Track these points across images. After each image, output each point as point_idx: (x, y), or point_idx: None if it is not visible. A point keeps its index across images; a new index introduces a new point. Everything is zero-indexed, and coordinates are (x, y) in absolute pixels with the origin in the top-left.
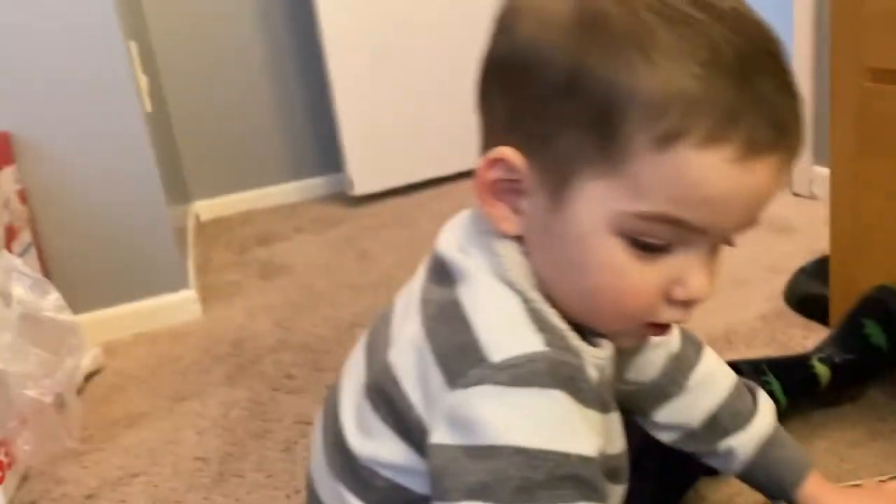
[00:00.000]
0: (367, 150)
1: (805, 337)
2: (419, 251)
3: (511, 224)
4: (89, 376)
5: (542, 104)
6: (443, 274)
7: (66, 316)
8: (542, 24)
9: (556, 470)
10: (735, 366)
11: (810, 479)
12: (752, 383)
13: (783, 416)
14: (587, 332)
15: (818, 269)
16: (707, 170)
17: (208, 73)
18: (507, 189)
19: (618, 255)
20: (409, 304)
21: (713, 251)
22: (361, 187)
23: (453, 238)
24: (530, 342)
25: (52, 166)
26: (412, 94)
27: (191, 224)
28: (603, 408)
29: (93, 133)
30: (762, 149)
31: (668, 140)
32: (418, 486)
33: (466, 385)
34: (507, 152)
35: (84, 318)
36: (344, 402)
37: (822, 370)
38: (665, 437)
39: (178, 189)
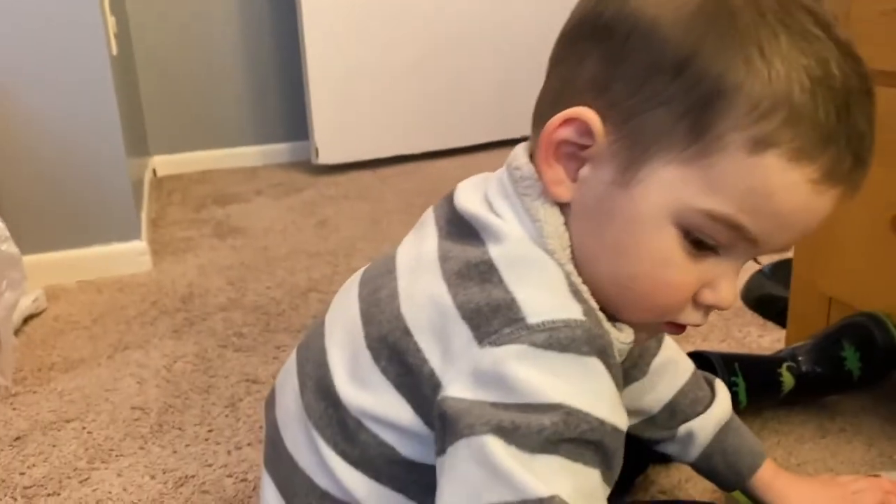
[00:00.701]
0: (335, 121)
1: (760, 336)
2: (383, 224)
3: (564, 190)
4: (28, 319)
5: (643, 76)
6: (466, 232)
7: (9, 247)
8: None
9: (588, 433)
10: (706, 357)
11: (766, 466)
12: (709, 374)
13: (739, 414)
14: (609, 318)
15: (776, 272)
16: (787, 184)
17: (180, 24)
18: (570, 153)
19: (670, 246)
20: (420, 260)
21: (743, 263)
22: (326, 157)
23: (477, 197)
24: (570, 309)
25: (10, 102)
26: (387, 68)
27: (147, 177)
28: (620, 392)
29: (55, 70)
30: (839, 177)
31: (761, 145)
32: (404, 447)
33: (498, 343)
34: (589, 114)
35: (29, 259)
36: (332, 349)
37: (787, 379)
38: None
39: (138, 140)
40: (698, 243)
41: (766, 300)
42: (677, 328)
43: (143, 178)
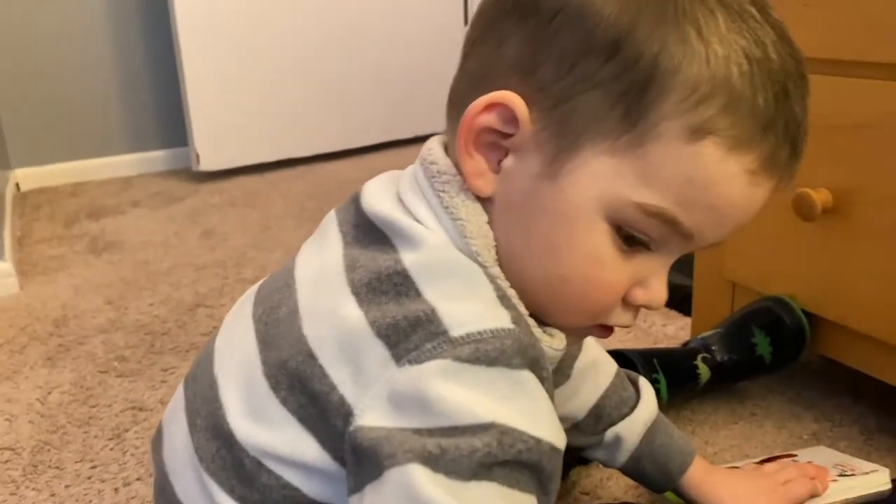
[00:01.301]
0: (216, 124)
1: (664, 324)
2: (274, 230)
3: (485, 183)
4: None
5: (573, 57)
6: (375, 237)
7: None
8: None
9: (524, 454)
10: (627, 356)
11: (696, 464)
12: (632, 373)
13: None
14: (538, 323)
15: (677, 261)
16: (725, 175)
17: (41, 24)
18: (492, 142)
19: (601, 243)
20: (324, 270)
21: (674, 259)
22: (208, 163)
23: (387, 197)
24: (497, 317)
25: None
26: (269, 67)
27: (9, 192)
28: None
29: None
30: (775, 167)
31: (699, 133)
32: (311, 487)
33: (419, 360)
34: (514, 99)
35: None
36: (223, 379)
37: (704, 370)
38: None
39: None
40: (630, 239)
41: (669, 289)
42: (606, 331)
43: (3, 193)
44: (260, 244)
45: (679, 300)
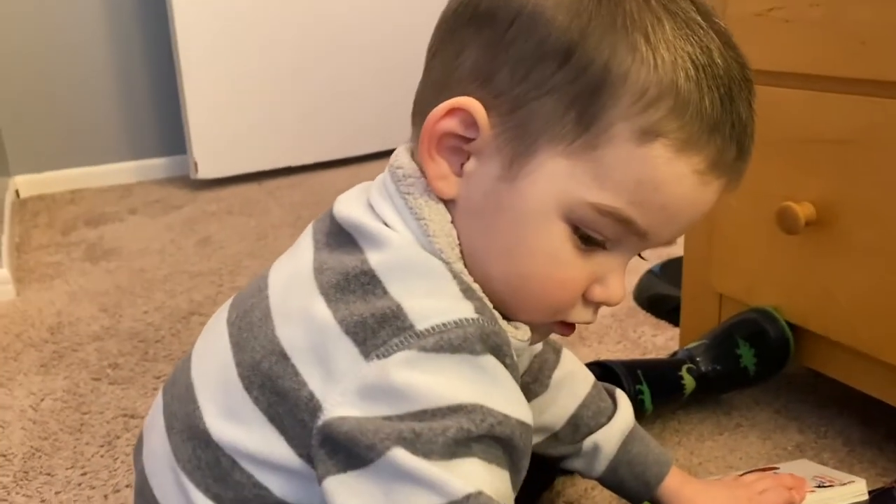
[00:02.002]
0: (214, 132)
1: (654, 335)
2: (270, 239)
3: (448, 185)
4: None
5: (528, 64)
6: (343, 240)
7: None
8: None
9: (497, 428)
10: (609, 367)
11: (672, 473)
12: (609, 385)
13: (643, 420)
14: (503, 317)
15: (665, 271)
16: (673, 176)
17: (40, 32)
18: (453, 146)
19: (559, 242)
20: (295, 275)
21: (630, 258)
22: (206, 171)
23: (359, 204)
24: (460, 309)
25: None
26: (268, 76)
27: (8, 199)
28: None
29: None
30: (723, 167)
31: (648, 135)
32: (280, 486)
33: (387, 354)
34: (473, 104)
35: None
36: (200, 382)
37: (689, 381)
38: None
39: None
40: (587, 239)
41: (658, 299)
42: (568, 328)
43: (2, 200)
44: (256, 252)
45: (668, 310)
